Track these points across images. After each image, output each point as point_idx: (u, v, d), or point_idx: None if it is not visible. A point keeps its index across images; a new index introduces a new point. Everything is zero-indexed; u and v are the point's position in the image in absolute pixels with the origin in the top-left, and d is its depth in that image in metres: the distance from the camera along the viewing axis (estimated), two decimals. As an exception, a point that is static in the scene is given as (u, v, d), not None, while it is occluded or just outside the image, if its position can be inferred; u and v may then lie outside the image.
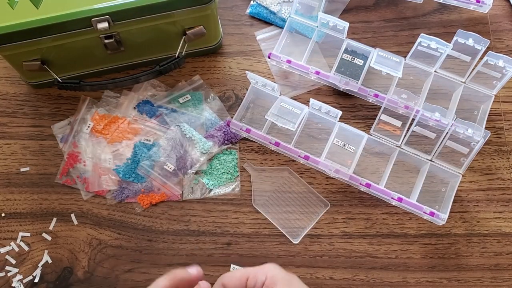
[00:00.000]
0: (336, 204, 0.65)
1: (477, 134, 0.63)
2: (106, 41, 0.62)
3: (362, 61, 0.68)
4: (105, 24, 0.58)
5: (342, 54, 0.68)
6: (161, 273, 0.44)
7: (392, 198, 0.62)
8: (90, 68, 0.69)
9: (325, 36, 0.71)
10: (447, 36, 0.73)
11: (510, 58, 0.64)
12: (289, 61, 0.68)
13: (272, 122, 0.65)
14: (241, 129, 0.66)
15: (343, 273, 0.63)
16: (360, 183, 0.63)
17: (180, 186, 0.66)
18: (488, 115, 0.68)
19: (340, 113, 0.64)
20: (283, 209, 0.65)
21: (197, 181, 0.66)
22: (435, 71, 0.68)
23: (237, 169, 0.67)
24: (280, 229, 0.64)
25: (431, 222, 0.64)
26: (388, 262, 0.63)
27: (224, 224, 0.65)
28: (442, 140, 0.65)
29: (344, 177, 0.63)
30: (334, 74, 0.67)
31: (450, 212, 0.63)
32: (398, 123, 0.66)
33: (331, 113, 0.65)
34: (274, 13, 0.73)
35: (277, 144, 0.65)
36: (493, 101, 0.69)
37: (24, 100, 0.70)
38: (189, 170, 0.66)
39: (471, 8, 0.72)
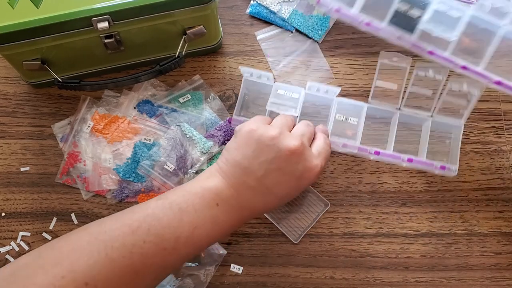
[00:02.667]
0: (336, 204, 0.65)
1: (474, 87, 0.64)
2: (106, 40, 0.62)
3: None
4: (105, 24, 0.58)
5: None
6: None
7: (402, 160, 0.64)
8: (90, 67, 0.69)
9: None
10: (447, 35, 0.73)
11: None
12: (338, 10, 0.60)
13: (272, 111, 0.65)
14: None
15: (343, 273, 0.63)
16: (369, 152, 0.64)
17: (180, 185, 0.66)
18: (488, 115, 0.68)
19: (339, 89, 0.64)
20: (283, 209, 0.65)
21: (197, 180, 0.66)
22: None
23: (237, 169, 0.67)
24: (280, 228, 0.64)
25: (431, 222, 0.64)
26: (388, 262, 0.63)
27: (224, 224, 0.64)
28: (440, 96, 0.66)
29: (353, 150, 0.64)
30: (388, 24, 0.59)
31: (450, 211, 0.63)
32: (393, 86, 0.67)
33: (329, 92, 0.65)
34: (274, 13, 0.73)
35: None
36: (493, 101, 0.70)
37: (24, 100, 0.70)
38: (190, 170, 0.66)
39: (471, 8, 0.72)
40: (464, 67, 0.57)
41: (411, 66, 0.67)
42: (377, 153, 0.64)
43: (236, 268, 0.62)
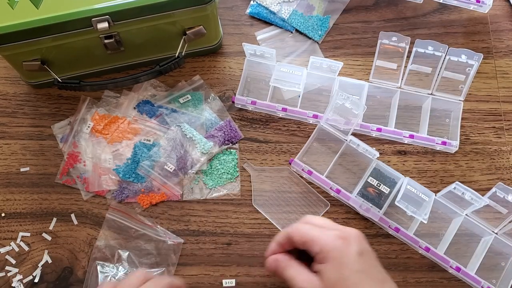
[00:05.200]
0: (336, 204, 0.65)
1: (471, 59, 0.66)
2: (106, 41, 0.62)
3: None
4: (105, 24, 0.58)
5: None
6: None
7: (404, 136, 0.65)
8: (90, 68, 0.69)
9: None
10: (447, 36, 0.73)
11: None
12: (309, 172, 0.65)
13: (274, 92, 0.67)
14: (246, 102, 0.67)
15: (343, 273, 0.63)
16: (371, 129, 0.65)
17: (180, 186, 0.66)
18: (488, 115, 0.68)
19: (341, 64, 0.66)
20: (283, 209, 0.65)
21: (197, 181, 0.66)
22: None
23: (237, 169, 0.67)
24: (280, 229, 0.64)
25: (431, 222, 0.64)
26: (388, 262, 0.63)
27: (224, 224, 0.65)
28: (439, 72, 0.68)
29: (356, 127, 0.65)
30: (356, 196, 0.63)
31: (450, 212, 0.63)
32: (393, 66, 0.69)
33: (333, 67, 0.66)
34: (274, 13, 0.73)
35: (284, 109, 0.66)
36: (493, 101, 0.70)
37: (24, 100, 0.70)
38: (190, 170, 0.66)
39: (471, 8, 0.72)
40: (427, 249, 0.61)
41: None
42: (379, 129, 0.65)
43: (228, 283, 0.62)
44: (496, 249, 0.62)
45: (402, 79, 0.69)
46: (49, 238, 0.64)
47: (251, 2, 0.74)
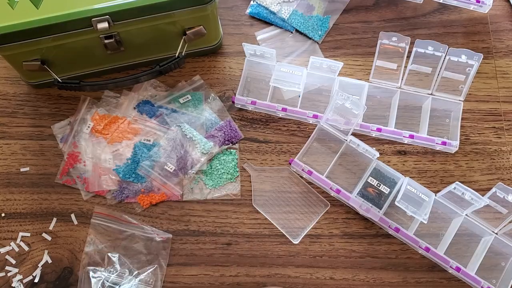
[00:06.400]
0: (336, 204, 0.65)
1: (471, 59, 0.66)
2: (106, 41, 0.62)
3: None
4: (105, 24, 0.58)
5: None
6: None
7: (404, 136, 0.66)
8: (90, 68, 0.69)
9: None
10: (447, 36, 0.73)
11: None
12: (309, 172, 0.65)
13: (274, 92, 0.67)
14: (246, 102, 0.67)
15: (343, 273, 0.63)
16: (371, 129, 0.66)
17: (180, 186, 0.66)
18: (488, 116, 0.68)
19: (341, 64, 0.66)
20: (283, 209, 0.65)
21: (197, 181, 0.66)
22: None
23: (237, 169, 0.67)
24: (280, 229, 0.64)
25: (431, 222, 0.64)
26: (388, 262, 0.63)
27: (224, 224, 0.65)
28: (439, 72, 0.68)
29: (356, 127, 0.66)
30: (355, 196, 0.64)
31: (450, 212, 0.63)
32: (393, 66, 0.69)
33: (333, 67, 0.66)
34: (274, 13, 0.73)
35: (284, 109, 0.67)
36: (493, 101, 0.70)
37: (24, 100, 0.70)
38: (190, 171, 0.66)
39: (471, 8, 0.72)
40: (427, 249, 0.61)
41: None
42: (379, 129, 0.65)
43: None
44: (496, 249, 0.62)
45: (402, 79, 0.69)
46: (49, 238, 0.64)
47: (251, 2, 0.74)
